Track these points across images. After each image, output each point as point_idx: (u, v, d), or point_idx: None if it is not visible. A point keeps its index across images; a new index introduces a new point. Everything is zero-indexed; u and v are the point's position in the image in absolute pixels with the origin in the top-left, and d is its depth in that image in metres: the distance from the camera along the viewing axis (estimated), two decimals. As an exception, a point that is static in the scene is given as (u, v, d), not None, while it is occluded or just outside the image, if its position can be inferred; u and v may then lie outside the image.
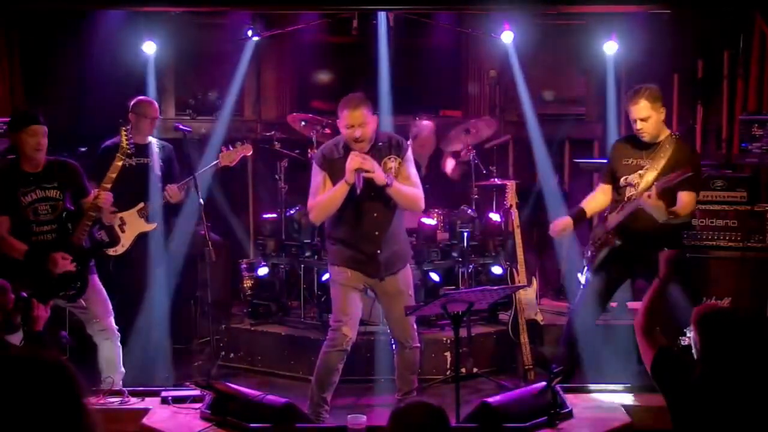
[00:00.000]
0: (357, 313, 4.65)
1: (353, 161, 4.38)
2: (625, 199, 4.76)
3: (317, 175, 4.60)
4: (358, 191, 4.40)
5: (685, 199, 4.62)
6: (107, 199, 4.70)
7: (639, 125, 4.67)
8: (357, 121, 4.43)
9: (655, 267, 4.77)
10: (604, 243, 4.86)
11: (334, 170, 4.52)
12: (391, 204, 4.58)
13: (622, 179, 4.81)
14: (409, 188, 4.59)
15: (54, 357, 1.94)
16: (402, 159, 4.61)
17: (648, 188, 4.59)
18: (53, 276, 4.55)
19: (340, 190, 4.43)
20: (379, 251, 4.57)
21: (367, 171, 4.38)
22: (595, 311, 5.00)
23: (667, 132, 4.75)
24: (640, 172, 4.71)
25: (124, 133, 4.79)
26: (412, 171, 4.65)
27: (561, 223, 4.92)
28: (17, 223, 4.58)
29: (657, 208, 4.53)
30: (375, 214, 4.57)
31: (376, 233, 4.57)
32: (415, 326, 4.77)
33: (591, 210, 4.98)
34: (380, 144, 4.58)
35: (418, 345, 4.79)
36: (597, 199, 4.99)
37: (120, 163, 4.73)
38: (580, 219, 4.95)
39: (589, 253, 5.00)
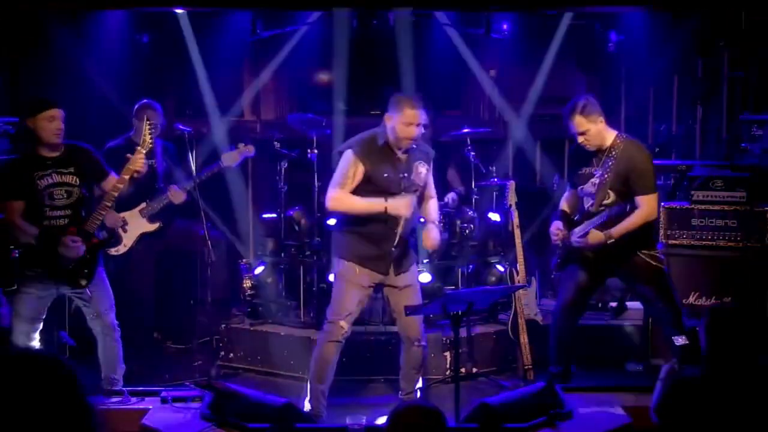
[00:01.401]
0: (357, 311, 4.72)
1: (408, 208, 4.53)
2: (586, 208, 4.80)
3: (351, 165, 4.58)
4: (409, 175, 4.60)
5: (642, 203, 4.67)
6: (143, 161, 4.69)
7: (580, 139, 4.77)
8: (417, 120, 4.53)
9: (628, 270, 4.82)
10: (569, 250, 4.93)
11: (374, 161, 4.57)
12: (415, 205, 4.69)
13: (578, 189, 4.88)
14: (435, 203, 4.94)
15: (53, 355, 1.94)
16: (430, 167, 4.78)
17: (603, 199, 4.69)
18: (63, 261, 4.57)
19: (376, 209, 4.52)
20: (393, 249, 4.60)
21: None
22: (574, 314, 5.01)
23: (613, 135, 4.78)
24: (593, 180, 4.78)
25: (147, 126, 4.76)
26: (431, 179, 4.87)
27: (560, 231, 4.95)
28: (31, 206, 4.59)
29: (594, 243, 4.67)
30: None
31: (395, 231, 4.60)
32: (423, 324, 4.81)
33: (571, 210, 5.05)
34: (413, 147, 4.68)
35: (425, 343, 4.81)
36: (569, 201, 5.08)
37: (141, 154, 4.69)
38: (568, 220, 4.99)
39: (557, 259, 5.03)
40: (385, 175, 4.59)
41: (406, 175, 4.64)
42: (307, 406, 4.72)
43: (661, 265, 4.80)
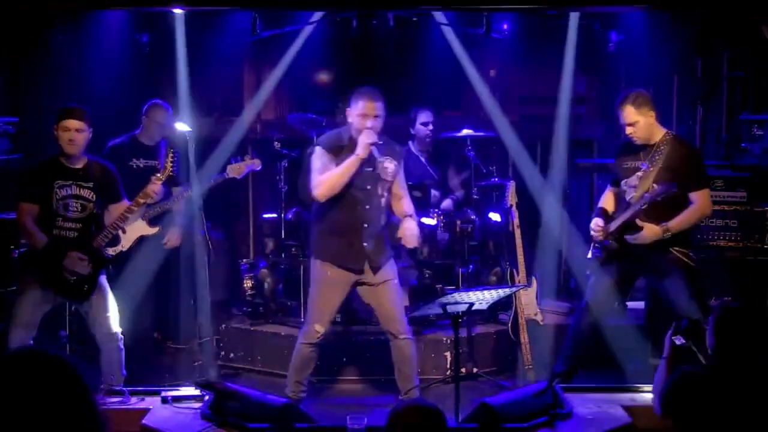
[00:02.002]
0: (332, 312, 4.81)
1: (369, 136, 4.55)
2: (627, 200, 4.80)
3: (323, 156, 4.69)
4: (378, 159, 4.63)
5: (697, 198, 4.67)
6: (159, 190, 4.84)
7: (628, 130, 4.78)
8: (373, 112, 4.61)
9: (659, 266, 4.80)
10: (605, 246, 4.89)
11: (340, 156, 4.65)
12: (382, 200, 4.75)
13: (622, 182, 4.87)
14: (408, 201, 4.90)
15: (58, 354, 1.94)
16: (399, 165, 4.82)
17: (646, 191, 4.65)
18: (65, 274, 4.57)
19: (352, 163, 4.57)
20: (365, 244, 4.68)
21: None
22: (605, 311, 5.01)
23: (662, 132, 4.80)
24: (638, 174, 4.77)
25: (171, 153, 4.84)
26: (403, 177, 4.92)
27: (600, 228, 4.92)
28: (44, 213, 4.62)
29: (650, 238, 4.63)
30: (367, 207, 4.69)
31: (365, 225, 4.69)
32: (405, 317, 4.86)
33: (610, 208, 5.04)
34: (379, 143, 4.69)
35: (411, 337, 4.84)
36: (609, 199, 5.08)
37: (159, 183, 4.78)
38: (608, 218, 4.98)
39: (593, 254, 5.02)
40: None
41: (370, 169, 4.68)
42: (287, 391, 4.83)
43: (693, 264, 4.79)
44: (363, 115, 4.61)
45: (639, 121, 4.72)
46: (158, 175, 4.80)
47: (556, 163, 6.43)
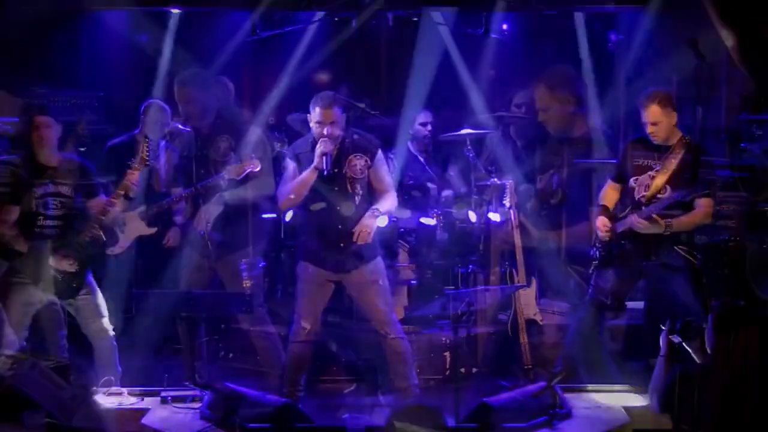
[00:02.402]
0: (316, 310, 4.89)
1: (323, 146, 4.64)
2: (635, 198, 4.80)
3: (288, 166, 4.86)
4: (326, 173, 4.63)
5: (701, 205, 4.68)
6: (135, 177, 4.82)
7: (650, 128, 4.78)
8: (327, 119, 4.67)
9: (665, 265, 4.81)
10: (622, 248, 4.88)
11: (302, 162, 4.77)
12: (357, 198, 4.78)
13: (632, 179, 4.87)
14: (390, 196, 4.89)
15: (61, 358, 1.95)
16: (372, 161, 4.82)
17: (658, 191, 4.65)
18: (51, 271, 4.57)
19: (309, 176, 4.69)
20: (342, 244, 4.73)
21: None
22: (605, 311, 5.01)
23: (679, 135, 4.82)
24: (650, 173, 4.78)
25: (145, 142, 4.83)
26: (383, 172, 4.90)
27: (607, 228, 4.92)
28: (24, 212, 4.64)
29: (653, 228, 4.66)
30: (338, 208, 4.74)
31: (339, 227, 4.74)
32: (393, 317, 4.89)
33: (611, 205, 5.06)
34: (347, 142, 4.78)
35: (402, 336, 4.86)
36: (611, 196, 5.08)
37: (137, 172, 4.76)
38: (610, 216, 4.99)
39: (597, 253, 5.01)
40: None
41: (336, 170, 4.72)
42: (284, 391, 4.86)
43: (697, 262, 4.79)
44: (319, 123, 4.69)
45: (663, 121, 4.74)
46: (134, 165, 4.79)
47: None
